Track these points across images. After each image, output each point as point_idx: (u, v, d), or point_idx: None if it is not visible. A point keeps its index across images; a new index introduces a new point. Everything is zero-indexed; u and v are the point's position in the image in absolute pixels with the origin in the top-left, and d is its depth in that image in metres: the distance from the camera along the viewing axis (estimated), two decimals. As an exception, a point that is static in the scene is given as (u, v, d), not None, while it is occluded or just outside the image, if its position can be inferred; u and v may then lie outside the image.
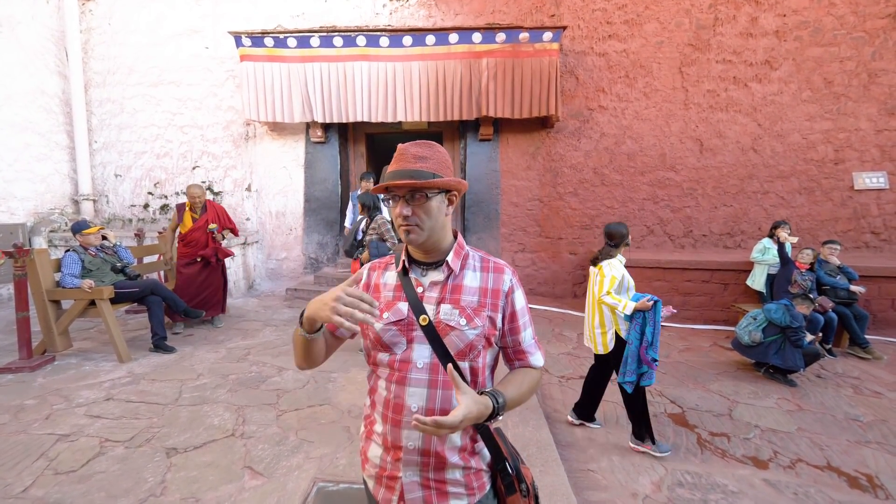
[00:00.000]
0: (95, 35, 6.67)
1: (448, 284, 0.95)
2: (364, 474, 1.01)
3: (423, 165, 0.93)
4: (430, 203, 0.92)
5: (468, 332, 0.91)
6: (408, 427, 0.90)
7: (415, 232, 0.92)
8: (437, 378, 0.91)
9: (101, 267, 3.85)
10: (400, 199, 0.92)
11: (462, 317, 0.92)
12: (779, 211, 6.05)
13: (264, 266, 6.78)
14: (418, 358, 0.92)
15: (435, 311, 0.93)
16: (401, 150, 0.95)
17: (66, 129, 6.59)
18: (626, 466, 2.39)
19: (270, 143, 6.62)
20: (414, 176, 0.91)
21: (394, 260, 1.05)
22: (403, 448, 0.91)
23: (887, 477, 2.34)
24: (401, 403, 0.92)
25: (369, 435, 1.00)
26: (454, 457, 0.92)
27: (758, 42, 6.01)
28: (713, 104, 6.12)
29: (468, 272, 0.98)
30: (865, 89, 5.90)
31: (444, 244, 0.97)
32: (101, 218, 6.87)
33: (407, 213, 0.91)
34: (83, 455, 2.31)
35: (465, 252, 1.00)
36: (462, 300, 0.94)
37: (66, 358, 3.66)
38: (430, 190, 0.92)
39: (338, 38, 5.83)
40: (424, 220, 0.92)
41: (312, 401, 3.00)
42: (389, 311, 0.96)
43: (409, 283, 0.97)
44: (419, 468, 0.91)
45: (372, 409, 1.00)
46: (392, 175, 0.93)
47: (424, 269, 0.99)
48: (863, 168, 5.96)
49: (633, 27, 6.15)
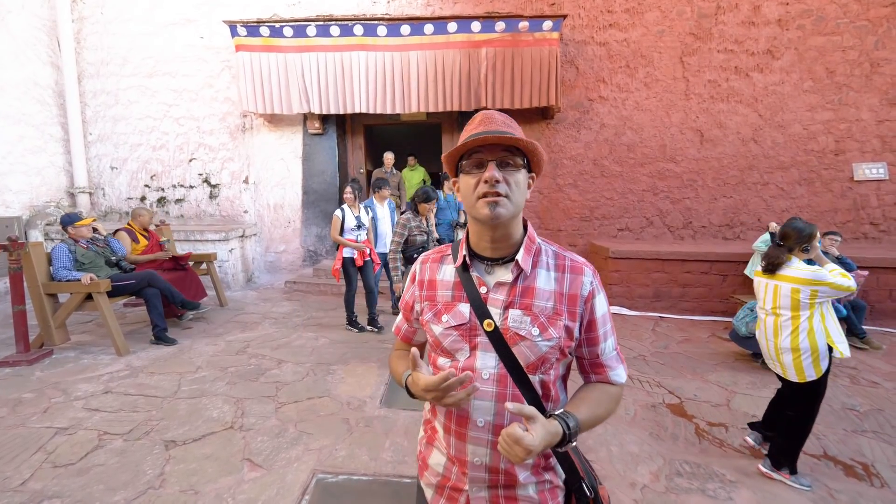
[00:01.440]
0: (88, 25, 6.56)
1: (518, 286, 0.83)
2: (421, 481, 0.94)
3: (513, 131, 0.81)
4: (519, 175, 0.80)
5: (541, 344, 0.80)
6: (473, 442, 0.82)
7: (503, 204, 0.78)
8: (505, 391, 0.81)
9: (95, 260, 3.82)
10: (489, 164, 0.78)
11: (534, 325, 0.80)
12: (779, 202, 6.03)
13: (263, 259, 6.76)
14: (483, 367, 0.82)
15: (502, 316, 0.82)
16: (486, 115, 0.83)
17: (60, 121, 6.51)
18: (625, 457, 2.40)
19: (268, 134, 6.56)
20: (504, 135, 0.78)
21: (450, 251, 0.92)
22: (469, 463, 0.83)
23: (883, 465, 2.35)
24: (465, 416, 0.83)
25: (431, 441, 0.92)
26: (525, 474, 0.84)
27: (760, 31, 5.94)
28: (714, 94, 6.07)
29: (541, 272, 0.84)
30: (867, 79, 5.85)
31: (516, 234, 0.85)
32: (98, 211, 6.83)
33: (499, 178, 0.77)
34: (81, 448, 2.31)
35: (536, 246, 0.86)
36: (534, 306, 0.81)
37: (64, 351, 3.65)
38: (520, 158, 0.80)
39: (335, 27, 5.74)
40: (514, 192, 0.79)
41: (312, 393, 3.00)
42: (449, 313, 0.85)
43: (471, 281, 0.85)
44: (487, 485, 0.84)
45: (433, 416, 0.93)
46: (482, 134, 0.79)
47: (489, 266, 0.86)
48: (863, 159, 5.93)
49: (635, 16, 6.07)
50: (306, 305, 5.25)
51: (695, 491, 2.14)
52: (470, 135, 0.81)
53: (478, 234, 0.85)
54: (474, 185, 0.79)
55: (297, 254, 6.70)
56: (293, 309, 5.09)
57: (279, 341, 4.00)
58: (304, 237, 6.65)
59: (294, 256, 6.71)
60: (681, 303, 5.19)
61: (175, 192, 6.73)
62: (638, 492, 2.14)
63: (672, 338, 4.40)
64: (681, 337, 4.45)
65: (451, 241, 1.35)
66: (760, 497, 2.10)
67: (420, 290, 0.93)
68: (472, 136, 0.79)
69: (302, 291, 5.85)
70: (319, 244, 6.63)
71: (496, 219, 0.78)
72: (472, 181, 0.80)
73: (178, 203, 6.75)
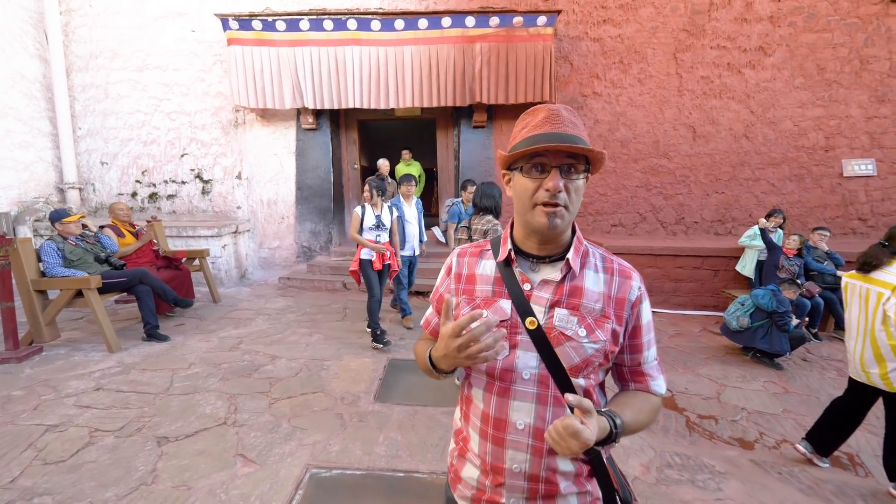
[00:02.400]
0: (76, 17, 6.44)
1: (565, 285, 0.80)
2: (455, 494, 0.89)
3: (580, 134, 0.76)
4: (580, 182, 0.76)
5: (587, 346, 0.77)
6: (512, 447, 0.79)
7: (561, 215, 0.75)
8: (546, 393, 0.78)
9: (84, 257, 3.78)
10: (553, 170, 0.74)
11: (581, 326, 0.77)
12: (769, 198, 6.09)
13: (256, 255, 6.72)
14: (523, 367, 0.78)
15: (546, 314, 0.79)
16: (553, 111, 0.77)
17: (48, 116, 6.40)
18: (616, 449, 2.42)
19: (261, 129, 6.50)
20: (577, 142, 0.73)
21: (489, 246, 0.89)
22: (507, 471, 0.79)
23: (867, 455, 2.41)
24: (503, 419, 0.79)
25: (463, 453, 0.87)
26: (565, 483, 0.79)
27: (752, 27, 5.97)
28: (707, 91, 6.10)
29: (589, 273, 0.82)
30: (857, 76, 5.91)
31: (566, 235, 0.82)
32: (88, 207, 6.74)
33: (562, 188, 0.74)
34: (72, 445, 2.30)
35: (584, 248, 0.84)
36: (582, 306, 0.79)
37: (55, 348, 3.62)
38: (583, 164, 0.76)
39: (328, 21, 5.69)
40: (573, 201, 0.76)
41: (305, 389, 3.00)
42: (489, 308, 0.82)
43: (513, 276, 0.82)
44: (525, 495, 0.79)
45: (465, 423, 0.87)
46: (550, 137, 0.73)
47: (535, 263, 0.83)
48: (852, 155, 5.99)
49: (628, 12, 6.07)
50: (300, 301, 5.23)
51: (685, 482, 2.17)
52: (533, 134, 0.76)
53: (525, 234, 0.83)
54: (533, 189, 0.76)
55: (290, 250, 6.67)
56: (287, 305, 5.07)
57: (273, 337, 3.99)
58: (298, 233, 6.62)
59: (288, 252, 6.67)
60: (673, 297, 5.24)
61: (167, 187, 6.66)
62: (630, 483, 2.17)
63: (664, 332, 4.45)
64: (673, 331, 4.50)
65: None
66: (749, 488, 2.14)
67: (457, 283, 0.89)
68: (537, 138, 0.75)
69: (296, 288, 5.83)
70: (314, 240, 6.60)
71: (553, 230, 0.76)
72: (531, 185, 0.76)
73: (169, 199, 6.68)
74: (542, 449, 0.78)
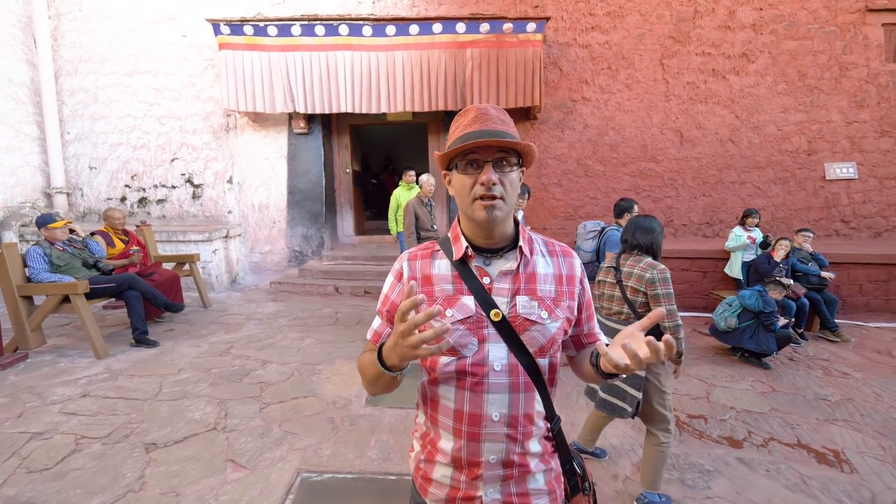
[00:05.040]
0: (66, 21, 6.40)
1: (521, 273, 0.84)
2: (427, 499, 0.88)
3: (508, 129, 0.80)
4: (513, 174, 0.81)
5: (550, 326, 0.82)
6: (490, 439, 0.80)
7: (499, 207, 0.78)
8: (517, 380, 0.81)
9: (71, 262, 3.73)
10: (486, 164, 0.78)
11: (542, 309, 0.82)
12: (755, 200, 6.21)
13: (247, 260, 6.67)
14: (495, 359, 0.80)
15: (509, 304, 0.81)
16: (481, 110, 0.81)
17: (35, 120, 6.33)
18: (607, 449, 2.44)
19: (252, 134, 6.48)
20: (505, 137, 0.77)
21: (437, 246, 0.90)
22: (484, 463, 0.81)
23: (852, 452, 2.45)
24: (478, 413, 0.80)
25: (431, 456, 0.87)
26: (535, 461, 0.84)
27: (736, 35, 6.12)
28: (693, 96, 6.22)
29: (538, 258, 0.87)
30: (836, 82, 6.07)
31: (509, 227, 0.86)
32: (76, 212, 6.65)
33: (496, 181, 0.77)
34: (58, 452, 2.26)
35: (528, 236, 0.89)
36: (539, 290, 0.83)
37: (40, 355, 3.55)
38: (514, 157, 0.81)
39: (320, 26, 5.72)
40: (509, 192, 0.80)
41: (297, 393, 2.98)
42: (453, 307, 0.81)
43: (471, 273, 0.84)
44: (501, 483, 0.82)
45: (432, 426, 0.87)
46: (479, 134, 0.77)
47: (487, 257, 0.85)
48: (834, 159, 6.15)
49: (616, 19, 6.19)
50: (292, 306, 5.20)
51: (674, 481, 2.19)
52: (465, 133, 0.79)
53: (471, 230, 0.86)
54: (470, 185, 0.79)
55: (282, 254, 6.63)
56: (278, 310, 5.04)
57: (264, 342, 3.96)
58: (289, 237, 6.59)
59: (279, 257, 6.64)
60: (663, 299, 5.30)
61: (157, 192, 6.60)
62: (620, 483, 2.19)
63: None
64: (663, 333, 4.55)
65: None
66: (737, 485, 2.17)
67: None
68: (468, 136, 0.78)
69: (287, 292, 5.79)
70: (305, 244, 6.58)
71: (493, 221, 0.79)
72: (467, 181, 0.80)
73: (159, 203, 6.62)
74: (517, 435, 0.82)
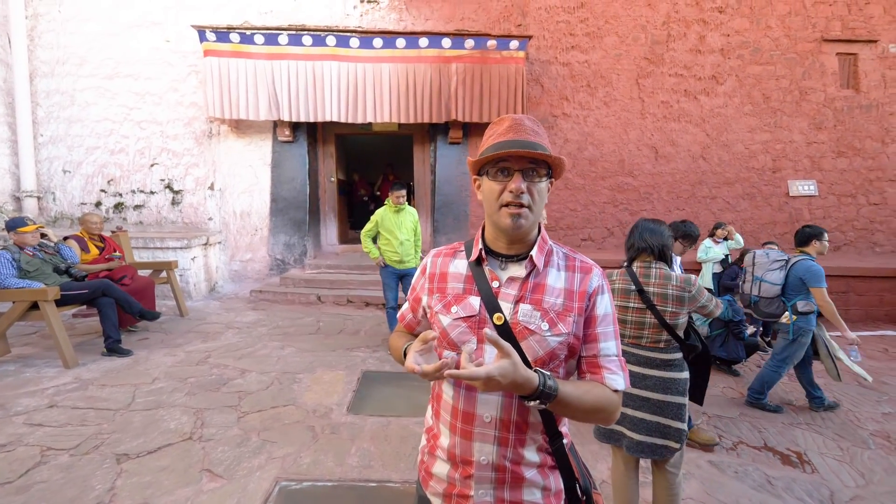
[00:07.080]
0: (43, 22, 6.26)
1: (529, 282, 0.84)
2: (428, 492, 0.90)
3: (541, 141, 0.82)
4: (542, 185, 0.83)
5: (550, 339, 0.81)
6: (480, 439, 0.82)
7: (525, 216, 0.80)
8: None
9: (41, 268, 3.61)
10: (516, 173, 0.80)
11: (544, 320, 0.81)
12: (725, 215, 6.50)
13: (227, 268, 6.55)
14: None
15: (512, 310, 0.82)
16: (516, 120, 0.83)
17: (7, 121, 6.13)
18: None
19: (235, 141, 6.43)
20: (537, 148, 0.79)
21: (463, 247, 0.94)
22: (475, 463, 0.82)
23: (813, 453, 2.58)
24: (471, 412, 0.82)
25: (433, 450, 0.90)
26: (531, 472, 0.83)
27: (706, 58, 6.47)
28: (667, 114, 6.52)
29: (552, 270, 0.86)
30: (797, 105, 6.48)
31: (532, 235, 0.87)
32: (47, 216, 6.42)
33: (524, 189, 0.79)
34: (21, 465, 2.17)
35: (548, 247, 0.88)
36: (544, 301, 0.83)
37: (3, 364, 3.40)
38: (544, 168, 0.83)
39: (307, 36, 5.77)
40: (537, 202, 0.82)
41: (276, 402, 2.95)
42: (459, 305, 0.85)
43: (483, 275, 0.86)
44: (493, 485, 0.82)
45: (436, 419, 0.90)
46: (512, 143, 0.80)
47: (503, 262, 0.87)
48: (796, 176, 6.52)
49: (594, 39, 6.47)
50: (272, 315, 5.13)
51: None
52: (498, 141, 0.82)
53: (494, 234, 0.88)
54: (499, 192, 0.81)
55: (263, 262, 6.54)
56: (258, 318, 4.96)
57: (243, 351, 3.89)
58: (271, 245, 6.51)
59: (261, 265, 6.55)
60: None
61: (134, 197, 6.45)
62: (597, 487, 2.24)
63: (631, 342, 4.61)
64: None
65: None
66: (708, 487, 2.25)
67: (430, 282, 0.94)
68: (501, 144, 0.81)
69: (268, 301, 5.71)
70: (288, 253, 6.51)
71: (517, 229, 0.81)
72: (496, 187, 0.82)
73: (136, 209, 6.46)
74: (508, 440, 0.82)
